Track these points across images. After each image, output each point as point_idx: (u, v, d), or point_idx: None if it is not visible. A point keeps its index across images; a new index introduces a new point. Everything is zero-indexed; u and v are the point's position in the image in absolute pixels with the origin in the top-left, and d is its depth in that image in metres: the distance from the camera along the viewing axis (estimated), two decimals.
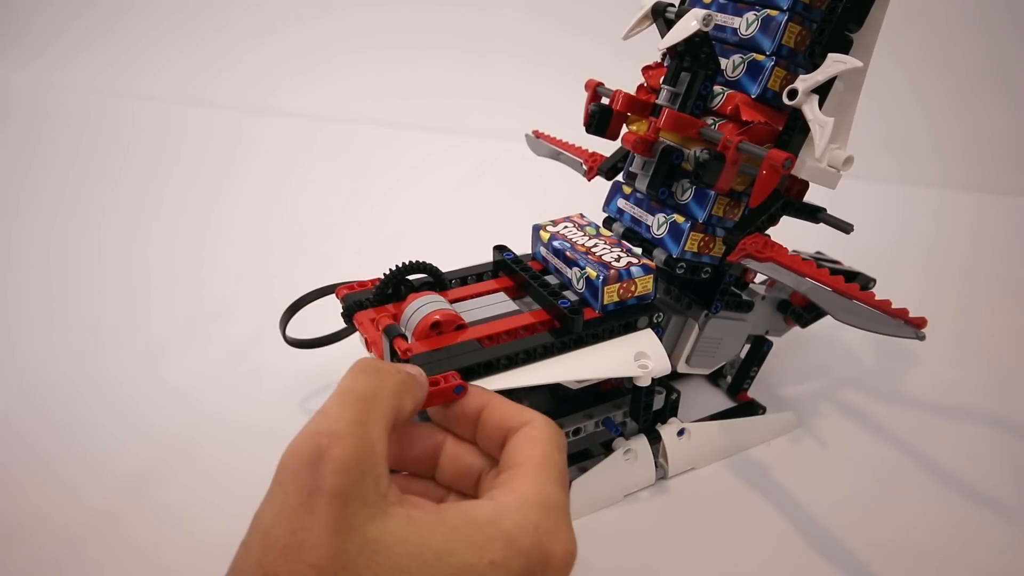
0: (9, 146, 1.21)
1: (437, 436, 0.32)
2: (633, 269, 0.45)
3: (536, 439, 0.29)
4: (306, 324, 0.55)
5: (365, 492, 0.23)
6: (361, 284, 0.50)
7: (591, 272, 0.45)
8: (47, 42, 1.60)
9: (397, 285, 0.48)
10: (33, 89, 1.48)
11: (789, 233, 0.52)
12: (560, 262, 0.49)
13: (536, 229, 0.51)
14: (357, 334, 0.49)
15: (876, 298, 0.38)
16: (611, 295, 0.45)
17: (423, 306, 0.44)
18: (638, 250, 0.49)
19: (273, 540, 0.22)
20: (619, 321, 0.46)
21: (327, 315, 0.54)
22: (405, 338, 0.43)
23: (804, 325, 0.57)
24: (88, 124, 1.32)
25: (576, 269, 0.47)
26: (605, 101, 0.50)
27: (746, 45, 0.45)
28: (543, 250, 0.51)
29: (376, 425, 0.25)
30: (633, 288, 0.46)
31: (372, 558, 0.22)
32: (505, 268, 0.52)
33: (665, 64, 0.49)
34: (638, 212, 0.50)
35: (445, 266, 0.51)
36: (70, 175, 1.09)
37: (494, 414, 0.30)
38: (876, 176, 1.03)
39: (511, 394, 0.44)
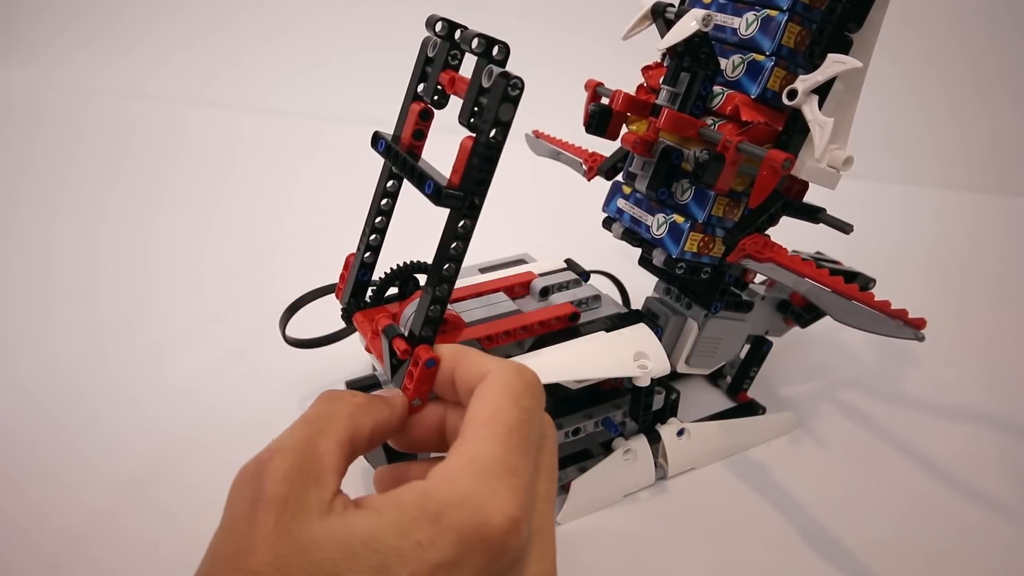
0: (9, 146, 1.21)
1: (438, 411, 0.32)
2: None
3: (486, 395, 0.27)
4: (306, 324, 0.55)
5: (306, 499, 0.23)
6: None
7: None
8: (47, 42, 1.60)
9: (397, 285, 0.48)
10: (33, 89, 1.48)
11: (789, 233, 0.52)
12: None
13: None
14: (357, 334, 0.49)
15: (876, 299, 0.38)
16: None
17: None
18: None
19: (219, 553, 0.23)
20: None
21: (327, 315, 0.54)
22: (404, 338, 0.43)
23: (804, 325, 0.57)
24: (88, 124, 1.32)
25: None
26: (605, 101, 0.50)
27: (746, 45, 0.45)
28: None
29: (325, 441, 0.26)
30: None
31: (306, 556, 0.22)
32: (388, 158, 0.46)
33: (665, 64, 0.49)
34: (638, 212, 0.50)
35: None
36: (70, 175, 1.09)
37: (462, 374, 0.30)
38: (876, 176, 1.03)
39: None
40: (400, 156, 0.40)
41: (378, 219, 0.46)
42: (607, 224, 0.53)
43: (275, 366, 0.62)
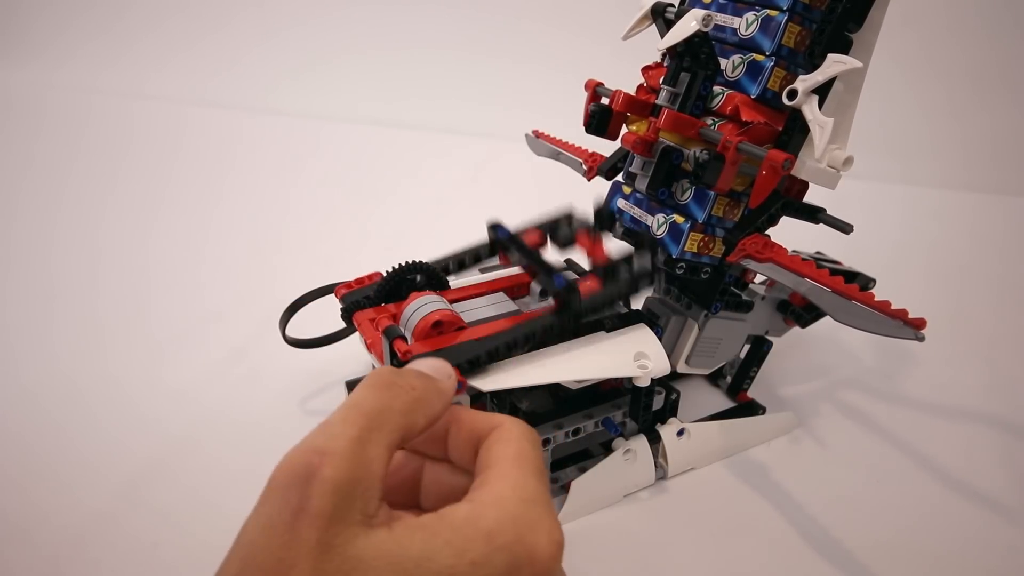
0: (9, 146, 1.21)
1: (414, 462, 0.31)
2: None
3: (507, 439, 0.28)
4: (306, 324, 0.55)
5: (351, 513, 0.23)
6: (359, 281, 0.50)
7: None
8: (47, 42, 1.60)
9: (397, 285, 0.48)
10: (33, 89, 1.48)
11: (789, 233, 0.52)
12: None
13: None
14: (357, 334, 0.49)
15: (876, 299, 0.38)
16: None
17: (422, 306, 0.44)
18: None
19: (254, 558, 0.22)
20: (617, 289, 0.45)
21: (327, 315, 0.54)
22: (404, 339, 0.43)
23: (804, 325, 0.57)
24: (88, 124, 1.32)
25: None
26: (605, 101, 0.50)
27: (746, 45, 0.45)
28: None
29: (377, 444, 0.25)
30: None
31: (352, 575, 0.22)
32: (501, 247, 0.51)
33: (665, 64, 0.49)
34: (638, 212, 0.50)
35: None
36: (70, 175, 1.09)
37: (463, 426, 0.30)
38: (876, 176, 1.03)
39: (511, 393, 0.44)
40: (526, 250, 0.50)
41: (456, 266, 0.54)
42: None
43: (275, 366, 0.62)
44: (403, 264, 0.48)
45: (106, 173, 1.10)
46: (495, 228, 0.53)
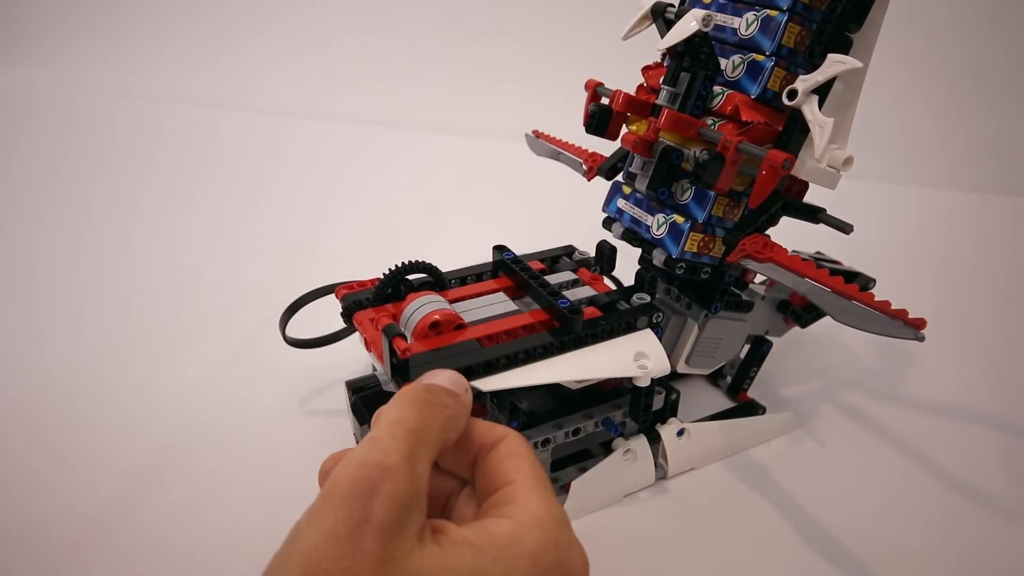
0: (11, 146, 1.21)
1: (449, 483, 0.31)
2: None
3: (519, 454, 0.29)
4: (306, 324, 0.55)
5: (409, 526, 0.24)
6: (361, 284, 0.51)
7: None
8: (40, 41, 1.60)
9: (397, 285, 0.48)
10: (28, 88, 1.48)
11: (789, 233, 0.52)
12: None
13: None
14: (357, 334, 0.49)
15: (876, 299, 0.38)
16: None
17: (422, 306, 0.44)
18: None
19: (316, 563, 0.23)
20: (619, 321, 0.46)
21: (327, 315, 0.54)
22: (404, 338, 0.43)
23: (804, 325, 0.57)
24: (89, 124, 1.32)
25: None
26: (605, 101, 0.50)
27: (746, 45, 0.45)
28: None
29: (423, 461, 0.26)
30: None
31: None
32: (505, 268, 0.52)
33: (665, 64, 0.49)
34: (638, 212, 0.50)
35: (445, 266, 0.51)
36: (69, 175, 1.09)
37: (475, 435, 0.30)
38: (876, 176, 1.03)
39: (511, 393, 0.44)
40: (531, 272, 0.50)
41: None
42: (607, 224, 0.53)
43: (275, 366, 0.62)
44: (403, 264, 0.48)
45: (105, 173, 1.10)
46: (500, 250, 0.53)
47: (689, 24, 0.41)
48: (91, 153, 1.18)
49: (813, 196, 0.49)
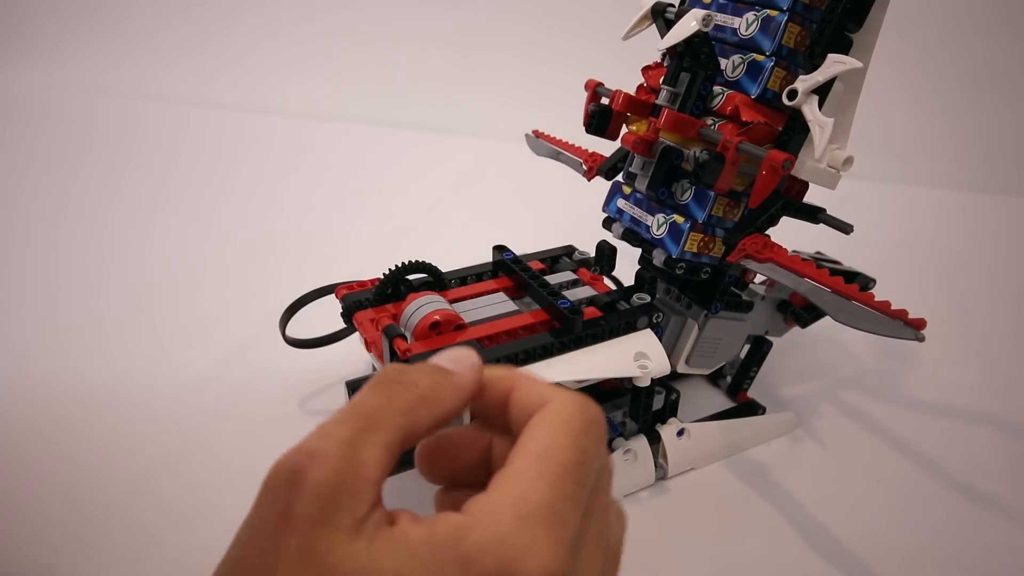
0: (14, 146, 1.22)
1: (481, 438, 0.28)
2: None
3: (543, 425, 0.24)
4: (306, 324, 0.55)
5: (339, 517, 0.21)
6: (361, 284, 0.51)
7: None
8: (52, 43, 1.60)
9: (397, 285, 0.48)
10: (38, 89, 1.48)
11: (789, 233, 0.52)
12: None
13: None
14: (357, 334, 0.49)
15: (876, 299, 0.38)
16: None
17: (423, 306, 0.44)
18: None
19: (243, 559, 0.22)
20: (619, 321, 0.46)
21: (327, 315, 0.54)
22: (405, 338, 0.43)
23: (804, 325, 0.57)
24: (91, 124, 1.32)
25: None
26: (605, 101, 0.50)
27: (746, 45, 0.45)
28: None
29: (371, 445, 0.23)
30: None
31: None
32: (505, 268, 0.52)
33: (665, 64, 0.49)
34: (638, 212, 0.50)
35: (445, 266, 0.51)
36: (72, 175, 1.09)
37: (520, 397, 0.26)
38: (876, 176, 1.03)
39: None
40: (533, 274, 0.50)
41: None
42: (607, 224, 0.53)
43: (275, 366, 0.62)
44: (403, 264, 0.48)
45: (106, 173, 1.10)
46: (500, 250, 0.53)
47: (689, 24, 0.41)
48: (93, 154, 1.18)
49: (813, 196, 0.49)
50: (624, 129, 0.49)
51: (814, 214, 0.49)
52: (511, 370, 0.28)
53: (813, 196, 0.49)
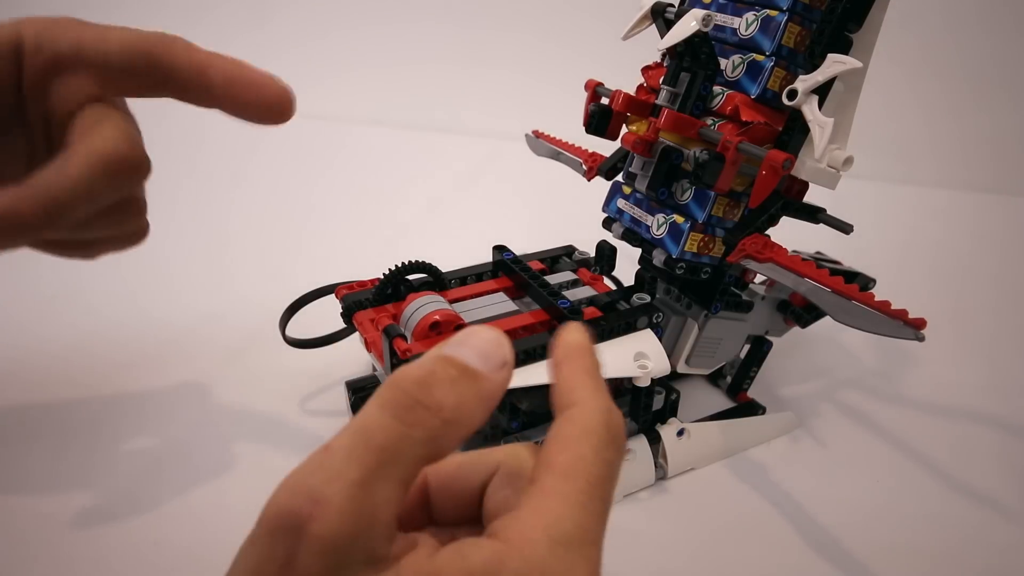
0: None
1: (487, 463, 0.25)
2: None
3: (567, 437, 0.22)
4: (306, 324, 0.55)
5: (349, 566, 0.19)
6: (361, 284, 0.51)
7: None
8: None
9: (397, 285, 0.48)
10: None
11: (789, 233, 0.52)
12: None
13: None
14: (357, 334, 0.49)
15: (876, 299, 0.38)
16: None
17: (422, 306, 0.44)
18: None
19: None
20: (619, 321, 0.46)
21: (327, 315, 0.54)
22: (404, 338, 0.43)
23: (804, 325, 0.57)
24: None
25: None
26: (605, 101, 0.50)
27: (746, 45, 0.45)
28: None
29: (387, 483, 0.20)
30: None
31: None
32: (504, 268, 0.52)
33: (665, 64, 0.49)
34: (638, 212, 0.50)
35: (445, 266, 0.51)
36: None
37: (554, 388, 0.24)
38: (876, 176, 1.03)
39: (511, 393, 0.44)
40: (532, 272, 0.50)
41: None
42: (607, 224, 0.53)
43: (275, 366, 0.62)
44: (403, 264, 0.48)
45: None
46: (500, 250, 0.53)
47: (689, 24, 0.41)
48: None
49: (813, 196, 0.49)
50: (624, 129, 0.49)
51: (814, 214, 0.49)
52: (573, 347, 0.25)
53: (813, 196, 0.49)
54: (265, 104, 0.35)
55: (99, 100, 0.33)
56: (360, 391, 0.51)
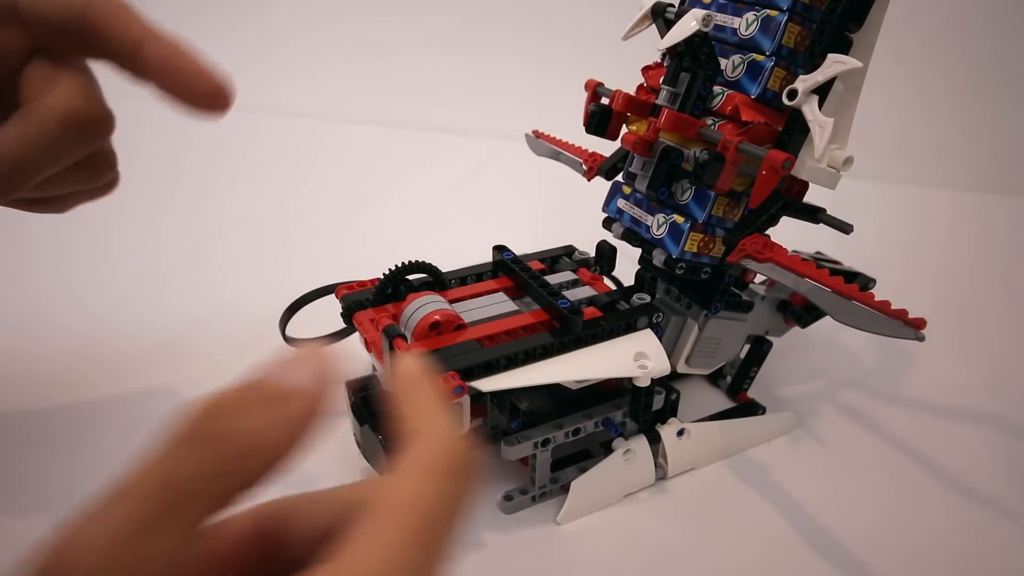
0: None
1: (332, 504, 0.21)
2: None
3: (402, 470, 0.19)
4: (306, 324, 0.55)
5: None
6: (361, 284, 0.51)
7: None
8: None
9: (397, 285, 0.48)
10: None
11: (789, 233, 0.52)
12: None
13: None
14: (357, 334, 0.49)
15: (876, 299, 0.38)
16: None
17: (423, 306, 0.44)
18: None
19: None
20: (619, 321, 0.46)
21: (327, 315, 0.54)
22: (404, 338, 0.43)
23: (804, 325, 0.57)
24: None
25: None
26: (605, 101, 0.50)
27: (746, 45, 0.45)
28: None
29: (162, 534, 0.17)
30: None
31: None
32: (504, 268, 0.52)
33: (665, 64, 0.49)
34: (638, 212, 0.50)
35: (445, 266, 0.51)
36: None
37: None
38: (876, 176, 1.03)
39: (511, 393, 0.44)
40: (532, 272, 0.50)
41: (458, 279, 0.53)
42: (607, 224, 0.53)
43: None
44: (403, 264, 0.48)
45: None
46: (500, 250, 0.53)
47: (689, 24, 0.41)
48: None
49: (813, 196, 0.49)
50: (624, 129, 0.49)
51: (814, 214, 0.49)
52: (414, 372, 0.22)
53: (813, 196, 0.49)
54: (196, 95, 0.34)
55: (49, 56, 0.32)
56: (360, 391, 0.51)
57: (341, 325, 0.51)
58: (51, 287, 0.76)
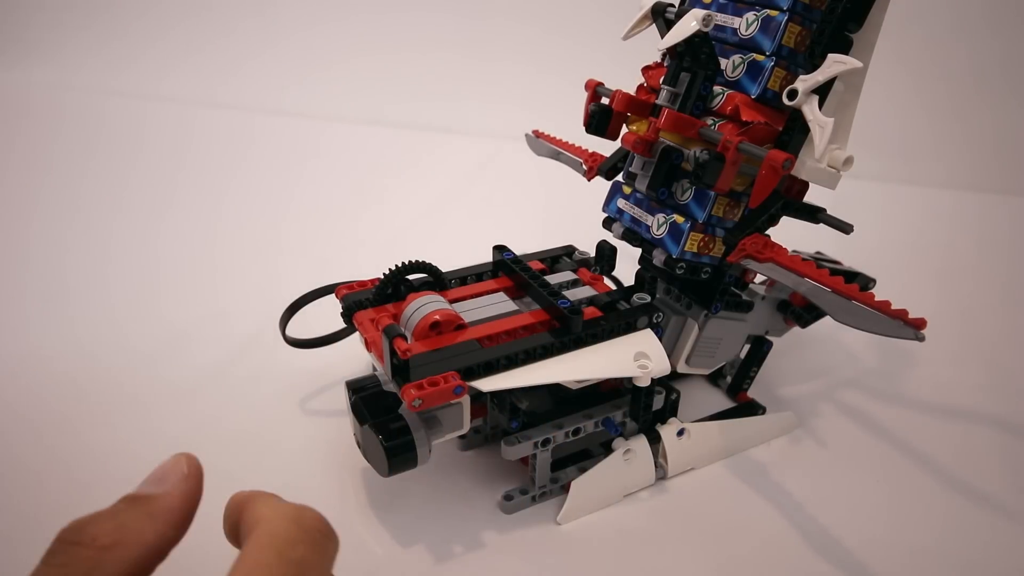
0: (24, 146, 1.21)
1: None
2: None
3: (246, 552, 0.21)
4: (306, 324, 0.55)
5: None
6: (361, 284, 0.51)
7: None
8: (62, 46, 1.60)
9: (397, 285, 0.48)
10: (48, 91, 1.48)
11: (789, 233, 0.52)
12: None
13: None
14: (357, 334, 0.49)
15: (876, 299, 0.38)
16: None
17: (423, 306, 0.44)
18: None
19: None
20: (619, 321, 0.46)
21: (327, 315, 0.54)
22: (405, 338, 0.43)
23: (804, 325, 0.57)
24: (98, 125, 1.32)
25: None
26: (605, 101, 0.50)
27: (746, 45, 0.45)
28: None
29: None
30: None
31: None
32: (505, 268, 0.52)
33: (665, 64, 0.49)
34: (638, 212, 0.50)
35: (445, 266, 0.51)
36: (78, 175, 1.09)
37: (243, 526, 0.23)
38: (876, 176, 1.03)
39: (511, 393, 0.44)
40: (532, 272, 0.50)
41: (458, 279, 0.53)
42: (607, 224, 0.53)
43: (275, 366, 0.62)
44: (403, 263, 0.48)
45: (111, 173, 1.10)
46: (500, 250, 0.53)
47: (689, 24, 0.41)
48: (97, 153, 1.18)
49: (813, 196, 0.49)
50: (624, 129, 0.49)
51: (814, 214, 0.49)
52: (251, 493, 0.25)
53: (813, 196, 0.49)
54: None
55: None
56: (360, 391, 0.51)
57: (341, 325, 0.51)
58: (51, 287, 0.76)
